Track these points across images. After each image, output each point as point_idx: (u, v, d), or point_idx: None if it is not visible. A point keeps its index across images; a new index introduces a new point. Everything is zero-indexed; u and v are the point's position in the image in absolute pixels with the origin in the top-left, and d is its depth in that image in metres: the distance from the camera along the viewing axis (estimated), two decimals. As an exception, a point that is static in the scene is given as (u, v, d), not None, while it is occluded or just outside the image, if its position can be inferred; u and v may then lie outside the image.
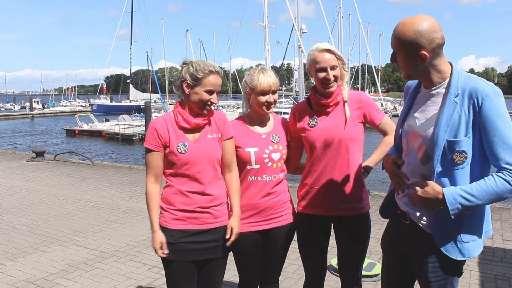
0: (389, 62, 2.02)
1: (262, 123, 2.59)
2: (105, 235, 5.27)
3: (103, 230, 5.44)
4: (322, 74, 2.41)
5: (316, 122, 2.51)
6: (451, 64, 1.90)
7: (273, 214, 2.53)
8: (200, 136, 2.37)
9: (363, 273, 3.87)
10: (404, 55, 1.86)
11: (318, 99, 2.51)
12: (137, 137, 27.09)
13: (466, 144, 1.79)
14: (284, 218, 2.58)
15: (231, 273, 3.85)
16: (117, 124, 29.62)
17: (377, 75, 54.42)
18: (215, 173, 2.39)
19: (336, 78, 2.44)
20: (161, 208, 2.37)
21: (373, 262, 4.13)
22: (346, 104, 2.49)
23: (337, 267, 3.81)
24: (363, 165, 2.55)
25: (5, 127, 37.16)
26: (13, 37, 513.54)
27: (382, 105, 41.67)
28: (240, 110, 31.91)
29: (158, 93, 42.98)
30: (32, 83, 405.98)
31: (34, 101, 58.47)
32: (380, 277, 4.05)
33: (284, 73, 79.86)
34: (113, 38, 71.43)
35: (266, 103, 2.48)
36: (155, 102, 42.48)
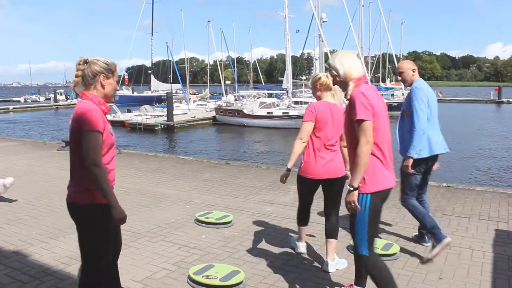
0: (411, 50, 2.37)
1: None
2: (136, 218, 5.61)
3: (134, 214, 5.78)
4: None
5: None
6: None
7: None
8: None
9: (381, 252, 4.11)
10: None
11: None
12: (159, 127, 27.57)
13: None
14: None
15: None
16: (139, 115, 30.10)
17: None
18: None
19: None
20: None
21: (390, 242, 4.36)
22: None
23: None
24: None
25: (32, 118, 38.23)
26: (37, 28, 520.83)
27: (403, 94, 41.23)
28: (261, 99, 32.12)
29: (179, 83, 43.40)
30: (55, 75, 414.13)
31: (58, 93, 59.66)
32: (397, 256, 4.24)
33: (304, 63, 79.30)
34: (135, 29, 71.91)
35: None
36: (176, 92, 42.81)
